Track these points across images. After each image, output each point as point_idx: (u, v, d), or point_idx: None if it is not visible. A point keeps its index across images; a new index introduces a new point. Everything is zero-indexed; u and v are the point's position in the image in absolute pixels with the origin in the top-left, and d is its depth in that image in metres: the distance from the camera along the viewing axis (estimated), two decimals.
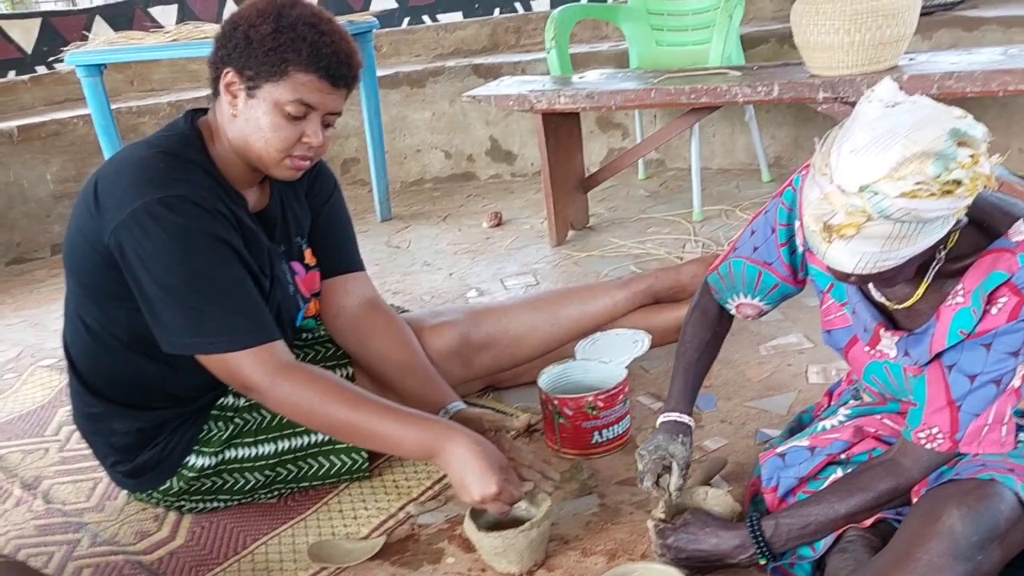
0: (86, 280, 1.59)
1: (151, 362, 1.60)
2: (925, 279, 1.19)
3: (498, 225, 3.47)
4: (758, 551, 1.30)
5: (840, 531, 1.30)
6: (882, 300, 1.29)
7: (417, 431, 1.47)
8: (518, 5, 5.18)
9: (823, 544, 1.30)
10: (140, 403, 1.65)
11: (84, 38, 4.66)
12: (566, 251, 3.06)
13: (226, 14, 4.99)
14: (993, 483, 1.11)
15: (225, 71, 1.54)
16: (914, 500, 1.24)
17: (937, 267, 1.18)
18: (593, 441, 1.78)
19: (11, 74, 4.65)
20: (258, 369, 1.48)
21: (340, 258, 1.83)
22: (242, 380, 1.49)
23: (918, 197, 1.02)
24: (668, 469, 1.44)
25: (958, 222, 1.10)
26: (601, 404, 1.76)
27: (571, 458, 1.78)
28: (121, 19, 4.90)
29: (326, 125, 1.58)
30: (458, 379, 1.88)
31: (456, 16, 5.18)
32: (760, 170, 3.59)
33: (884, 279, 1.14)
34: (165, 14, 4.98)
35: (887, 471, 1.25)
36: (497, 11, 5.16)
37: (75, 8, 4.99)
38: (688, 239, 3.03)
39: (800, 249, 1.42)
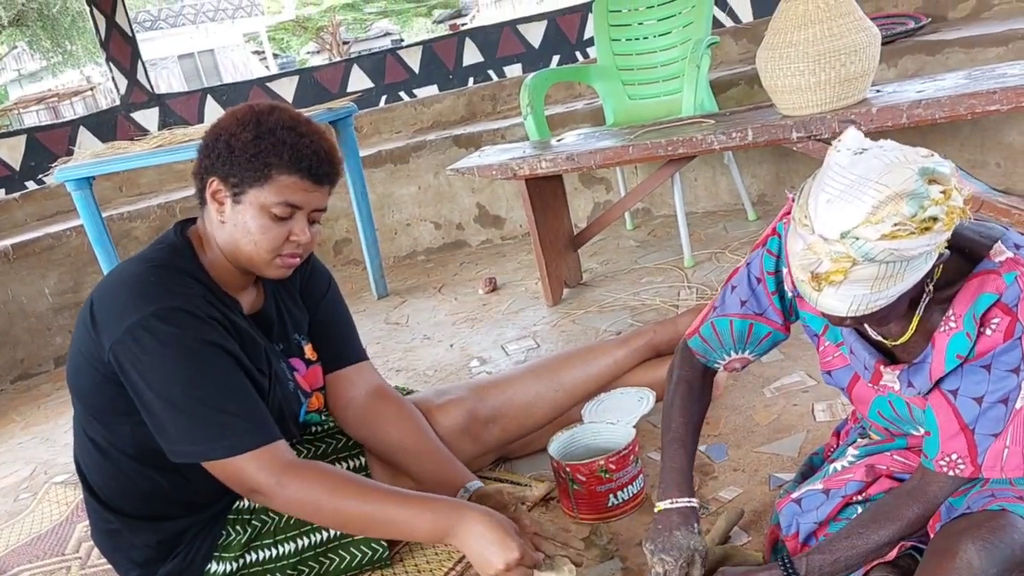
0: (90, 399, 1.61)
1: (162, 473, 1.61)
2: (917, 312, 1.22)
3: (493, 290, 3.50)
4: None
5: (866, 570, 1.30)
6: (878, 337, 1.32)
7: (428, 513, 1.48)
8: (491, 73, 5.30)
9: None
10: (156, 515, 1.66)
11: (70, 151, 4.78)
12: (563, 310, 3.09)
13: (207, 113, 5.11)
14: (1005, 513, 1.12)
15: (210, 180, 1.58)
16: (930, 535, 1.24)
17: (927, 300, 1.21)
18: (609, 504, 1.79)
19: (1, 192, 4.73)
20: (262, 471, 1.49)
21: (343, 352, 1.85)
22: (247, 483, 1.50)
23: (899, 237, 1.05)
24: (692, 564, 1.43)
25: (940, 255, 1.13)
26: (613, 466, 1.77)
27: (589, 523, 1.79)
28: (105, 127, 5.00)
29: (312, 221, 1.62)
30: (469, 455, 1.90)
31: (432, 90, 5.30)
32: (745, 209, 3.64)
33: (878, 319, 1.17)
34: (147, 118, 5.08)
35: (914, 499, 1.26)
36: (471, 81, 5.28)
37: (59, 121, 5.09)
38: (682, 286, 3.06)
39: (790, 294, 1.45)
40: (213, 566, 1.66)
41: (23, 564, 2.13)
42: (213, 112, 5.16)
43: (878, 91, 2.66)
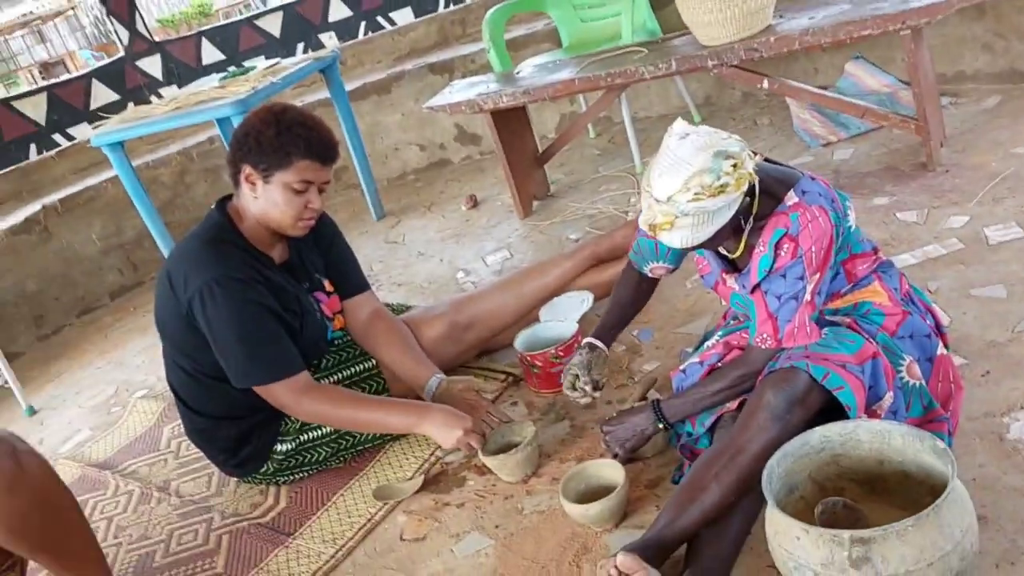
0: (177, 339, 2.23)
1: (233, 387, 2.22)
2: (743, 238, 1.80)
3: (474, 206, 4.05)
4: (658, 419, 1.92)
5: (720, 414, 1.91)
6: (724, 252, 1.90)
7: (401, 414, 2.19)
8: None
9: (709, 420, 1.91)
10: (233, 415, 2.29)
11: (87, 104, 5.26)
12: (533, 222, 3.64)
13: (203, 55, 5.55)
14: (792, 368, 1.71)
15: (244, 167, 2.15)
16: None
17: (748, 230, 1.78)
18: (561, 381, 2.41)
19: (32, 147, 5.25)
20: (287, 393, 2.15)
21: (350, 284, 2.46)
22: (278, 401, 2.17)
23: (701, 199, 1.62)
24: (577, 377, 2.10)
25: (742, 203, 1.69)
26: (561, 353, 2.38)
27: (547, 396, 2.42)
28: (114, 77, 5.45)
29: (321, 191, 2.20)
30: (454, 354, 2.53)
31: (406, 12, 5.69)
32: (691, 113, 4.14)
33: (707, 246, 1.75)
34: (151, 64, 5.52)
35: (740, 363, 1.85)
36: (441, 2, 5.66)
37: (73, 76, 5.53)
38: (632, 192, 3.60)
39: None
40: (278, 446, 2.30)
41: (129, 460, 2.79)
42: (209, 54, 5.59)
43: (781, 17, 3.12)
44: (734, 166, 1.64)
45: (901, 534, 1.22)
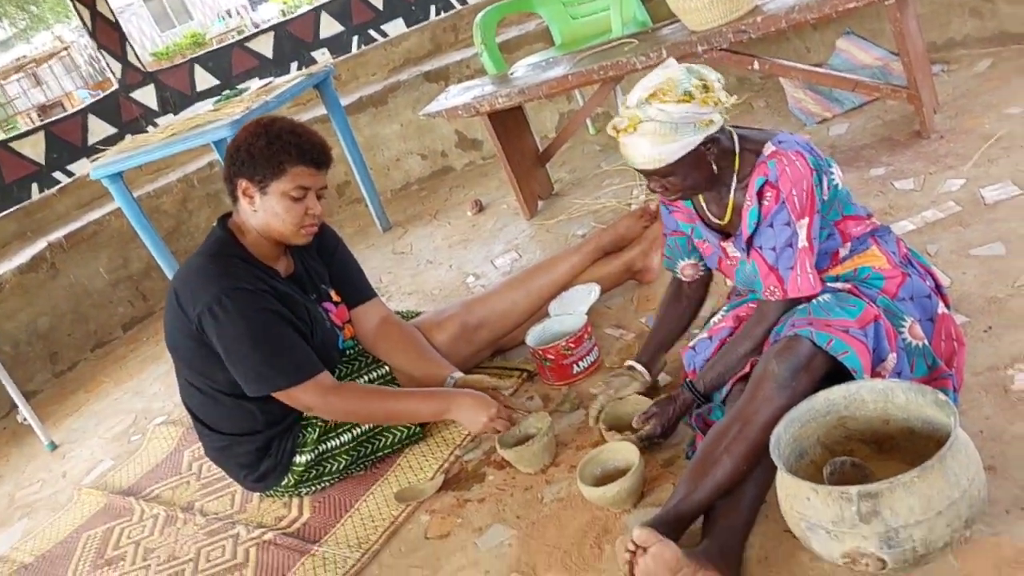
0: (188, 358, 2.25)
1: (249, 401, 2.24)
2: (730, 202, 1.84)
3: (480, 211, 4.07)
4: (695, 397, 1.94)
5: (732, 383, 1.91)
6: (714, 220, 1.92)
7: (429, 402, 2.22)
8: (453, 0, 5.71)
9: (722, 394, 1.93)
10: (250, 431, 2.31)
11: (84, 139, 5.32)
12: (539, 221, 3.66)
13: (197, 81, 5.61)
14: (795, 336, 1.72)
15: (239, 182, 2.18)
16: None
17: (734, 189, 1.81)
18: (574, 372, 2.42)
19: (33, 187, 5.31)
20: (312, 394, 2.17)
21: (356, 292, 2.49)
22: (303, 404, 2.19)
23: (665, 102, 1.69)
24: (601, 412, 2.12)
25: (711, 138, 1.74)
26: (572, 345, 2.40)
27: (561, 387, 2.43)
28: (110, 110, 5.51)
29: (319, 197, 2.22)
30: (468, 354, 2.54)
31: (398, 24, 5.73)
32: None
33: (670, 183, 1.79)
34: (145, 95, 5.59)
35: (757, 321, 1.87)
36: (433, 8, 5.71)
37: (68, 113, 5.60)
38: (634, 184, 3.62)
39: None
40: (298, 458, 2.32)
41: (152, 485, 2.82)
42: (202, 80, 5.65)
43: None
44: (705, 87, 1.71)
45: (908, 485, 1.23)
